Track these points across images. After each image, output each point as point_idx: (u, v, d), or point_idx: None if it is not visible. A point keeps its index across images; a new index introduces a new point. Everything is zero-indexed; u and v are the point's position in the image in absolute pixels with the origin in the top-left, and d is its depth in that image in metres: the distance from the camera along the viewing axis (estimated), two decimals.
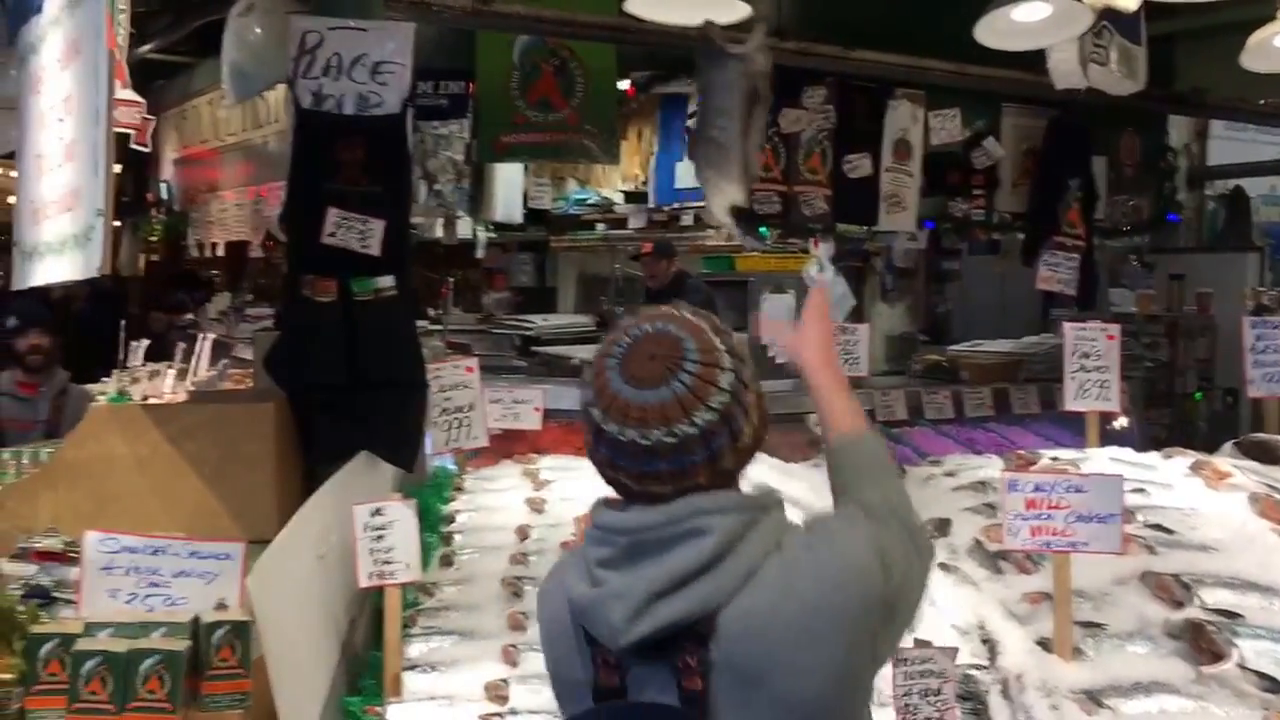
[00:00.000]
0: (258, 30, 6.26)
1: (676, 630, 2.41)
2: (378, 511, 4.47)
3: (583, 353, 12.73)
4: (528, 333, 11.08)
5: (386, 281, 5.69)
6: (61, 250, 5.22)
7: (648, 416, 2.43)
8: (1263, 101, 10.12)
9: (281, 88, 6.20)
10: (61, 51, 5.47)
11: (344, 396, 5.62)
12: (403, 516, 4.49)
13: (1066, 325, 6.61)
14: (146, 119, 9.83)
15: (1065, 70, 6.90)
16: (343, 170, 5.66)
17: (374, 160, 5.69)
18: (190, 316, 13.55)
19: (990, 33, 6.26)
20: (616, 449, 2.48)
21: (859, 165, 8.66)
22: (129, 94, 8.95)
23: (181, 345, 11.74)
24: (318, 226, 5.60)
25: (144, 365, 10.99)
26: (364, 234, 5.62)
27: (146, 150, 10.55)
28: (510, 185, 10.65)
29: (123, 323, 11.72)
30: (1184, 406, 10.83)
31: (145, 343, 11.67)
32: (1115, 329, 6.54)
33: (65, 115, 5.30)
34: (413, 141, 6.20)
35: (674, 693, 2.42)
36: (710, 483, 2.48)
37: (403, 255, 5.83)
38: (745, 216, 7.56)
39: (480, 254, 12.81)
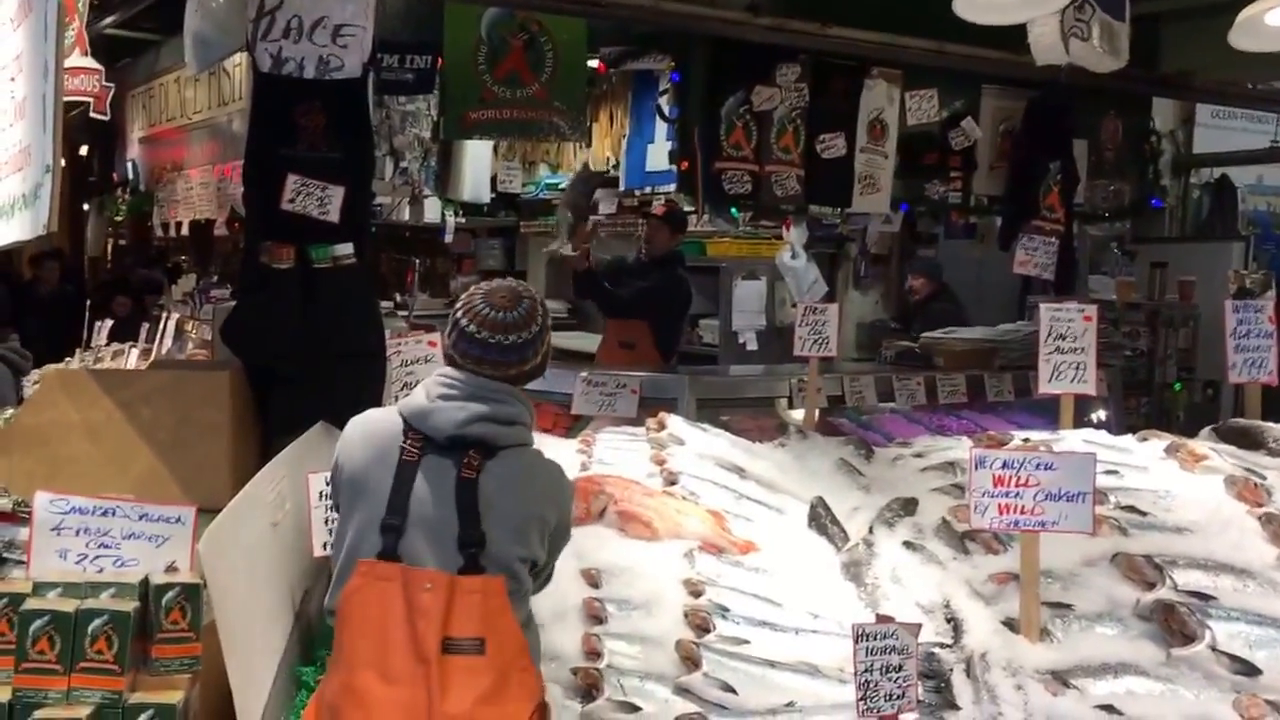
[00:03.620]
0: None
1: (477, 440, 3.75)
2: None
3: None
4: None
5: (345, 249, 5.60)
6: (12, 212, 5.09)
7: (495, 326, 3.81)
8: (1251, 85, 9.98)
9: (246, 60, 6.09)
10: (15, 11, 5.34)
11: (301, 365, 5.51)
12: None
13: (1042, 306, 6.53)
14: (105, 86, 9.71)
15: (1046, 45, 6.78)
16: (302, 135, 5.57)
17: (334, 125, 5.60)
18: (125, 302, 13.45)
19: (970, 6, 6.14)
20: (466, 340, 3.82)
21: (833, 145, 8.53)
22: (88, 61, 8.85)
23: (146, 326, 11.65)
24: (276, 192, 5.50)
25: (108, 345, 10.91)
26: (323, 200, 5.52)
27: (105, 118, 10.43)
28: (478, 164, 10.51)
29: (87, 303, 11.64)
30: (1163, 397, 10.71)
31: (109, 323, 11.58)
32: (1092, 309, 6.45)
33: (17, 74, 5.17)
34: (373, 108, 6.10)
35: (452, 474, 3.72)
36: (505, 379, 3.84)
37: (362, 223, 5.74)
38: None
39: (449, 238, 12.70)
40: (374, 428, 3.91)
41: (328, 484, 4.35)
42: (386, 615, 3.60)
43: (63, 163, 4.54)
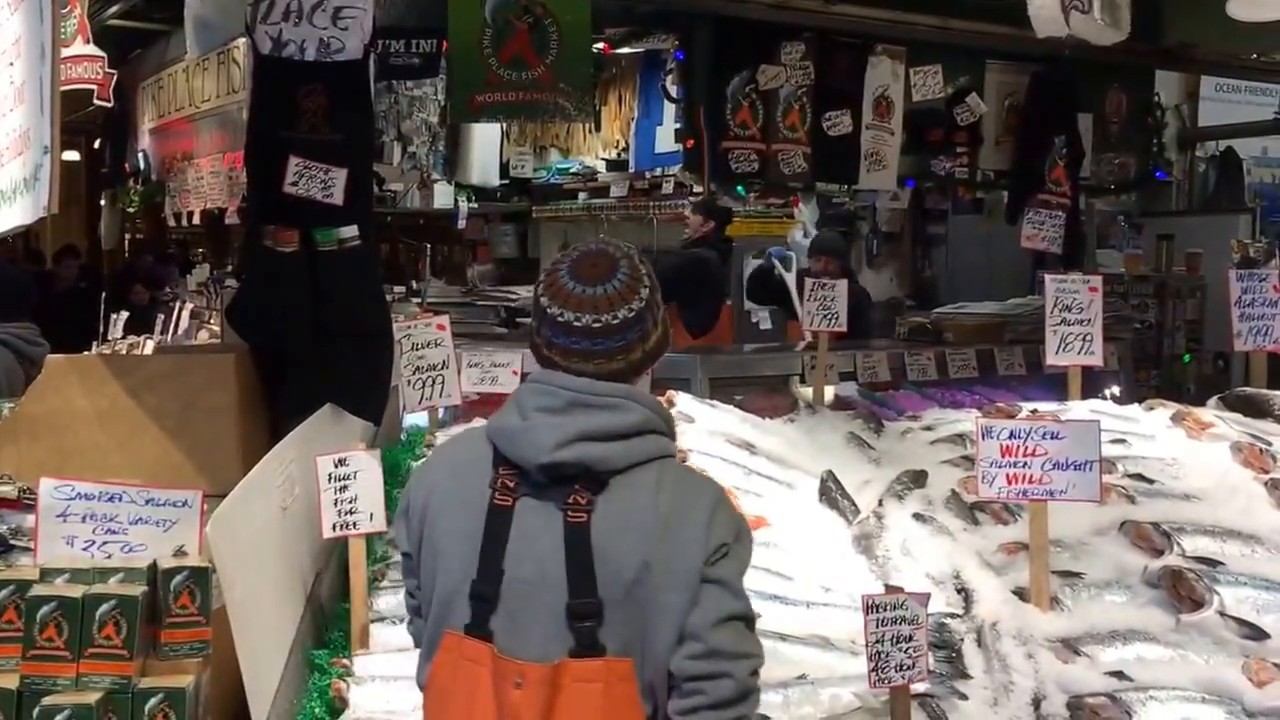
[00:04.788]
0: None
1: (581, 469, 2.90)
2: (341, 462, 4.38)
3: None
4: (512, 304, 10.94)
5: (350, 231, 5.58)
6: (14, 197, 5.08)
7: (595, 304, 2.97)
8: (1255, 56, 9.96)
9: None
10: None
11: (309, 348, 5.51)
12: (366, 467, 4.40)
13: (1047, 277, 6.52)
14: (108, 73, 9.71)
15: (1046, 18, 6.73)
16: (304, 118, 5.55)
17: (335, 107, 5.58)
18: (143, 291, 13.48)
19: None
20: (562, 330, 2.98)
21: (839, 123, 8.55)
22: (90, 49, 8.85)
23: (160, 317, 11.68)
24: (278, 176, 5.48)
25: (124, 338, 10.93)
26: (326, 183, 5.50)
27: (109, 105, 10.44)
28: (486, 147, 10.53)
29: (103, 295, 11.63)
30: (1173, 369, 10.71)
31: (125, 315, 11.59)
32: (1097, 280, 6.44)
33: (15, 59, 5.16)
34: (375, 90, 6.09)
35: (557, 520, 2.88)
36: (622, 372, 3.01)
37: (366, 204, 5.72)
38: None
39: (461, 224, 12.69)
40: (460, 460, 3.12)
41: (336, 466, 4.37)
42: (473, 710, 2.92)
43: (78, 156, 4.55)
